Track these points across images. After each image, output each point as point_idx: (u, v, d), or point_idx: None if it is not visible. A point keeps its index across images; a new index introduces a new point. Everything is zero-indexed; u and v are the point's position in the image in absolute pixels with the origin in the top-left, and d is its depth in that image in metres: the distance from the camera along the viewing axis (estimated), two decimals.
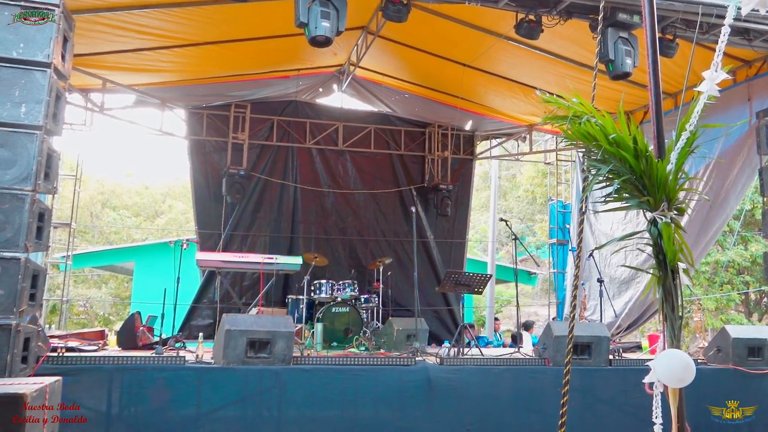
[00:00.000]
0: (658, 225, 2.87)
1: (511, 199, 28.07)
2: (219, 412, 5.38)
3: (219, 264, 8.62)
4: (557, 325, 6.90)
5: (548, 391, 6.20)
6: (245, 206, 10.91)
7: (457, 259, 12.17)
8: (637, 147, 2.94)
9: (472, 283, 7.43)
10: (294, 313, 9.10)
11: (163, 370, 5.37)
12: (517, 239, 7.91)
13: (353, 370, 5.89)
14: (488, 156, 13.74)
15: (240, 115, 10.92)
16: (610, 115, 3.10)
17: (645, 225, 2.98)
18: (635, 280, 10.16)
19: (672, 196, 2.92)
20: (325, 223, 11.41)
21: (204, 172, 10.89)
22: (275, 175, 11.19)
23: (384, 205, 11.79)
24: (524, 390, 6.26)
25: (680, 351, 2.67)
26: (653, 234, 2.89)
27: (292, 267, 8.76)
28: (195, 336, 9.04)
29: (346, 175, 11.67)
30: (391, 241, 11.69)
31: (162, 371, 5.36)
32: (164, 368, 5.39)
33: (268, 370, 5.61)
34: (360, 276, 10.58)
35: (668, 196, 2.91)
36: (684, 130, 2.96)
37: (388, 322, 8.27)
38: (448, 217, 12.01)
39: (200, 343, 6.10)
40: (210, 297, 10.48)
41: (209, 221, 10.80)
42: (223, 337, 5.61)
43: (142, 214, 27.21)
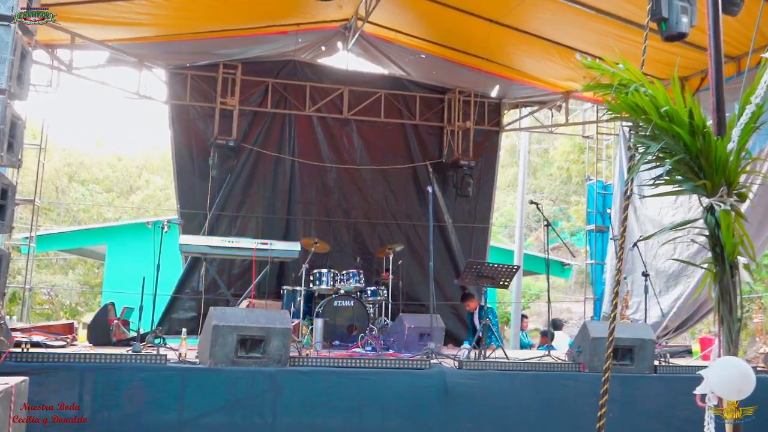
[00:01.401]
0: (715, 213, 2.88)
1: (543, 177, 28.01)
2: (204, 419, 5.45)
3: (204, 249, 8.68)
4: (594, 325, 6.92)
5: (583, 401, 6.23)
6: (235, 183, 10.97)
7: (479, 247, 12.22)
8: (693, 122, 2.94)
9: (497, 275, 7.45)
10: (290, 306, 9.16)
11: (140, 370, 5.44)
12: (548, 224, 7.91)
13: (358, 374, 5.94)
14: (517, 127, 13.69)
15: (229, 76, 10.93)
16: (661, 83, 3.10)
17: (700, 212, 2.98)
18: (685, 275, 10.15)
19: (732, 180, 2.92)
20: (326, 204, 11.46)
21: (187, 142, 10.94)
22: (269, 146, 11.22)
23: (395, 184, 11.81)
24: (555, 399, 6.30)
25: (738, 359, 2.69)
26: (710, 223, 2.90)
27: (288, 254, 8.81)
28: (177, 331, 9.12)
29: (351, 148, 11.69)
30: (402, 225, 11.73)
31: (140, 371, 5.42)
32: (142, 368, 5.46)
33: (260, 372, 5.67)
34: (366, 265, 10.63)
35: (728, 180, 2.91)
36: (748, 103, 2.95)
37: (398, 318, 8.34)
38: (469, 198, 12.02)
39: (183, 339, 6.17)
40: (194, 287, 10.58)
41: (193, 199, 10.87)
42: (210, 334, 5.67)
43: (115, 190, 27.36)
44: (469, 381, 6.16)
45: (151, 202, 25.75)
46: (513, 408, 6.21)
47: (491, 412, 6.14)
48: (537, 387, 6.32)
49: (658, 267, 10.44)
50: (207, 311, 6.04)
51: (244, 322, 5.77)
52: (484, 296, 7.54)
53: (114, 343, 7.38)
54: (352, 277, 9.35)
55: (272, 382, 5.68)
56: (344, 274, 9.43)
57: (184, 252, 9.66)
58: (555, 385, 6.37)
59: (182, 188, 10.95)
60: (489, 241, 12.53)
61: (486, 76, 11.34)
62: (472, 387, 6.13)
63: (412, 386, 6.00)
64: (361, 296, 9.50)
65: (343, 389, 5.81)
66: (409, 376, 6.06)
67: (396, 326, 8.27)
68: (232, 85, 10.91)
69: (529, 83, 11.86)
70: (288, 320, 6.04)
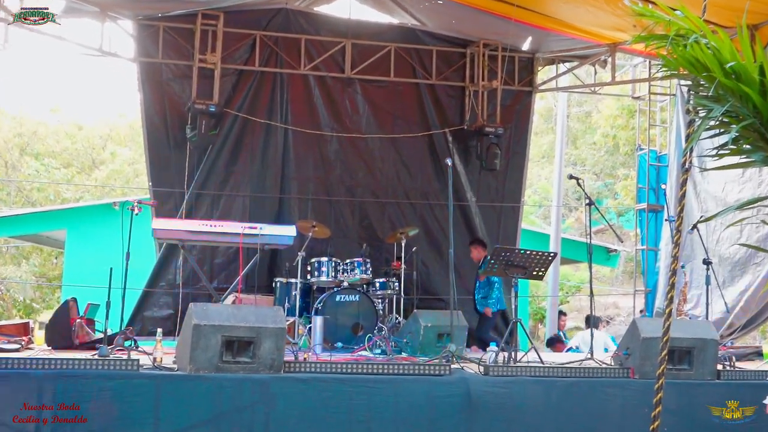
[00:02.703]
0: None
1: (584, 147, 27.89)
2: None
3: (182, 235, 8.71)
4: (646, 322, 6.91)
5: (632, 412, 6.25)
6: (217, 156, 10.98)
7: (509, 231, 12.22)
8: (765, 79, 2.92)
9: (529, 264, 7.45)
10: (285, 302, 9.19)
11: (109, 378, 5.48)
12: (591, 203, 7.89)
13: (365, 381, 5.97)
14: (553, 87, 13.62)
15: (209, 29, 10.89)
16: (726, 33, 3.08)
17: None
18: (755, 262, 10.11)
19: None
20: (326, 180, 11.47)
21: (160, 107, 10.93)
22: (258, 112, 11.22)
23: (408, 156, 11.81)
24: (599, 411, 6.33)
25: None
26: None
27: (281, 240, 8.83)
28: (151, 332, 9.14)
29: (355, 114, 11.68)
30: (417, 205, 11.74)
31: (108, 379, 5.47)
32: (111, 375, 5.50)
33: (250, 380, 5.71)
34: (375, 253, 10.64)
35: None
36: None
37: (412, 315, 8.35)
38: (496, 173, 11.99)
39: (158, 341, 6.21)
40: (170, 280, 10.64)
41: (168, 176, 10.89)
42: (190, 335, 5.71)
43: (75, 165, 27.42)
44: (497, 389, 6.18)
45: (117, 179, 25.80)
46: (549, 422, 6.24)
47: (523, 425, 6.17)
48: (577, 397, 6.33)
49: (721, 253, 10.40)
50: (186, 308, 6.07)
51: (230, 321, 5.80)
52: (514, 288, 7.54)
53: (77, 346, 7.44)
54: (357, 267, 9.36)
55: (264, 391, 5.72)
56: (348, 263, 9.44)
57: (157, 238, 9.70)
58: (599, 394, 6.39)
59: (155, 162, 10.96)
60: (520, 223, 12.53)
61: (516, 26, 11.24)
62: (500, 397, 6.15)
63: (429, 396, 6.03)
64: (368, 290, 9.50)
65: (347, 400, 5.84)
66: (425, 384, 6.08)
67: (410, 325, 8.28)
68: (213, 39, 10.88)
69: (567, 34, 11.77)
70: (282, 318, 6.07)
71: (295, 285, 9.22)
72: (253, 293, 9.43)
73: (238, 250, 8.94)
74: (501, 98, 11.95)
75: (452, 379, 6.18)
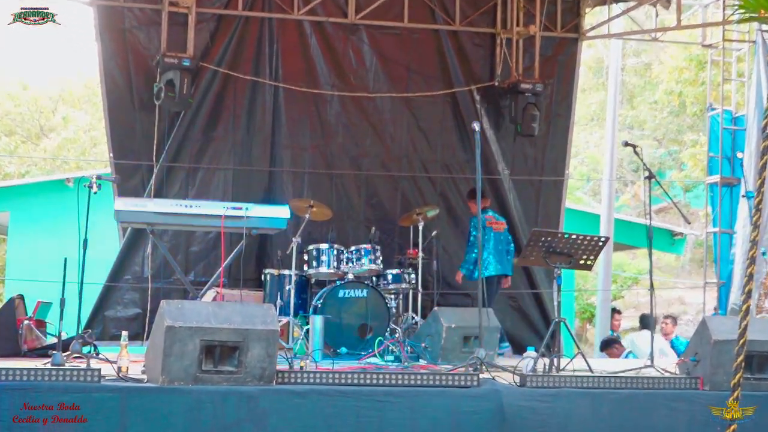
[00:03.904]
0: None
1: (644, 106, 27.72)
2: None
3: (151, 218, 8.69)
4: (718, 322, 6.88)
5: (701, 430, 6.25)
6: (192, 120, 10.97)
7: (550, 210, 12.20)
8: None
9: (575, 251, 7.43)
10: (276, 299, 9.21)
11: (64, 391, 5.48)
12: (651, 176, 7.85)
13: (375, 395, 5.97)
14: (605, 34, 13.55)
15: None
16: None
17: None
18: None
19: None
20: (326, 150, 11.47)
21: (122, 62, 10.91)
22: (241, 67, 11.20)
23: (426, 120, 11.79)
24: (661, 429, 6.32)
25: None
26: None
27: (272, 223, 8.82)
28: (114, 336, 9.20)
29: (361, 68, 11.65)
30: (437, 179, 11.73)
31: (62, 393, 5.47)
32: (66, 388, 5.50)
33: (235, 393, 5.72)
34: (386, 238, 10.65)
35: None
36: None
37: (432, 314, 8.36)
38: (534, 139, 11.96)
39: (123, 347, 6.22)
40: (137, 272, 10.69)
41: (133, 145, 10.89)
42: (162, 339, 5.72)
43: (20, 133, 27.42)
44: (536, 404, 6.17)
45: (71, 150, 25.79)
46: None
47: None
48: (634, 412, 6.32)
49: None
50: (156, 307, 6.09)
51: (211, 322, 5.81)
52: (556, 281, 7.53)
53: (25, 352, 7.48)
54: (364, 256, 9.38)
55: (252, 407, 5.72)
56: (353, 251, 9.46)
57: (121, 222, 9.71)
58: (660, 409, 6.38)
59: (116, 129, 10.93)
60: (564, 201, 12.49)
61: None
62: (540, 413, 6.15)
63: (453, 412, 6.03)
64: (378, 283, 9.53)
65: (353, 417, 5.85)
66: (448, 398, 6.08)
67: (429, 326, 8.30)
68: None
69: None
70: (273, 319, 6.07)
71: (289, 278, 9.24)
72: (239, 288, 9.44)
73: (219, 235, 8.95)
74: (540, 48, 11.91)
75: (481, 391, 6.18)
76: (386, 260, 9.79)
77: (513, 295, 11.47)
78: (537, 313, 11.69)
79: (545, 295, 11.67)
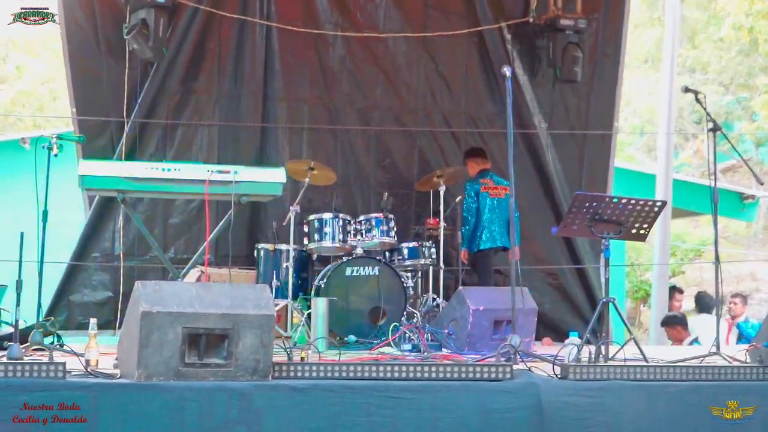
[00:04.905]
0: None
1: (707, 45, 27.59)
2: None
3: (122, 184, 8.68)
4: None
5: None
6: (170, 68, 10.95)
7: (596, 170, 12.20)
8: None
9: (626, 218, 7.40)
10: (272, 279, 9.25)
11: (22, 389, 5.51)
12: (716, 128, 7.83)
13: (390, 390, 5.97)
14: None
15: None
16: None
17: None
18: None
19: None
20: (328, 102, 11.48)
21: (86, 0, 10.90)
22: (227, 4, 11.16)
23: (447, 64, 11.78)
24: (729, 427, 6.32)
25: None
26: None
27: (265, 188, 8.80)
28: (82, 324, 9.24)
29: (369, 3, 11.61)
30: (461, 135, 11.74)
31: (22, 392, 5.50)
32: (26, 386, 5.52)
33: (224, 391, 5.72)
34: (401, 205, 10.66)
35: None
36: None
37: (457, 295, 8.36)
38: (577, 86, 11.94)
39: (92, 337, 6.25)
40: (106, 249, 10.72)
41: (99, 98, 10.90)
42: (138, 327, 5.72)
43: None
44: (581, 399, 6.18)
45: (27, 104, 25.81)
46: None
47: None
48: (697, 408, 6.32)
49: None
50: (130, 289, 6.09)
51: (194, 307, 5.81)
52: (604, 255, 7.51)
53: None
54: (375, 227, 9.39)
55: (244, 406, 5.73)
56: (363, 221, 9.47)
57: (87, 189, 9.69)
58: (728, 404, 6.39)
59: (80, 80, 10.91)
60: (612, 159, 12.47)
61: None
62: (584, 409, 6.15)
63: (482, 411, 6.03)
64: (393, 259, 9.54)
65: (363, 416, 5.86)
66: (476, 394, 6.08)
67: (453, 309, 8.30)
68: None
69: None
70: (269, 302, 6.08)
71: (286, 254, 9.27)
72: (227, 266, 9.45)
73: (203, 204, 8.93)
74: None
75: (516, 385, 6.18)
76: (401, 232, 9.80)
77: (552, 271, 11.49)
78: (581, 292, 11.73)
79: (591, 271, 11.72)
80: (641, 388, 6.35)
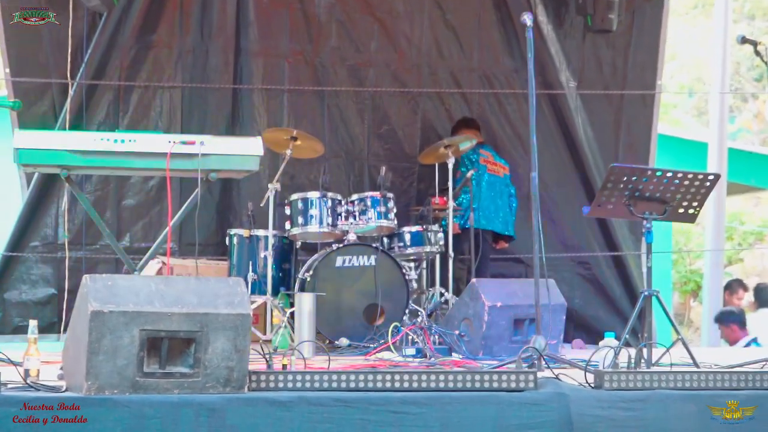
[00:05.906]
0: None
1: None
2: None
3: (66, 158, 8.66)
4: None
5: None
6: (122, 19, 10.93)
7: (635, 137, 12.24)
8: None
9: (673, 195, 7.40)
10: (247, 271, 9.24)
11: None
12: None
13: (390, 404, 5.97)
14: None
15: None
16: None
17: None
18: None
19: None
20: (313, 57, 11.48)
21: None
22: None
23: (457, 12, 11.81)
24: None
25: None
26: None
27: (238, 163, 8.77)
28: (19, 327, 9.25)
29: None
30: (473, 96, 11.75)
31: None
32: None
33: (191, 405, 5.71)
34: (401, 182, 10.67)
35: None
36: None
37: (470, 289, 8.37)
38: (612, 37, 11.93)
39: (32, 342, 6.23)
40: (48, 236, 10.74)
41: (38, 54, 10.86)
42: (87, 331, 5.71)
43: None
44: (617, 413, 6.18)
45: None
46: None
47: None
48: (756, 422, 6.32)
49: None
50: (77, 285, 6.07)
51: (155, 305, 5.79)
52: (646, 239, 7.48)
53: None
54: (371, 207, 9.38)
55: (215, 423, 5.72)
56: (356, 201, 9.46)
57: (24, 165, 9.65)
58: None
59: (14, 34, 10.76)
60: (655, 124, 12.48)
61: None
62: (622, 426, 6.16)
63: (500, 426, 6.04)
64: (392, 246, 9.54)
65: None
66: (494, 407, 6.08)
67: (465, 305, 8.30)
68: None
69: None
70: (244, 299, 6.06)
71: (265, 241, 9.26)
72: (193, 256, 9.44)
73: (164, 182, 8.90)
74: None
75: (541, 396, 6.18)
76: (402, 214, 9.79)
77: (584, 260, 11.52)
78: (618, 284, 11.78)
79: (630, 260, 11.73)
80: (690, 399, 6.34)
